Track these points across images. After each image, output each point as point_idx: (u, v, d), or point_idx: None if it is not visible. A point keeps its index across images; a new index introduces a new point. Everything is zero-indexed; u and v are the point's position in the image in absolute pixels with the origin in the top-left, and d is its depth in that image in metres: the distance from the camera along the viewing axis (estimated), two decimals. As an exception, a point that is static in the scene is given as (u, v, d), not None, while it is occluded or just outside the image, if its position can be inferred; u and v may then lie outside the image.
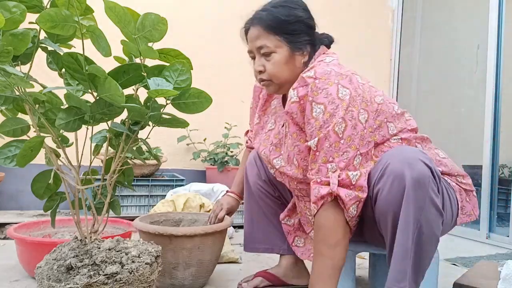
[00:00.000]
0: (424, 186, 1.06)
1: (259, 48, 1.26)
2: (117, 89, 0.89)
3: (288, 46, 1.25)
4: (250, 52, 1.31)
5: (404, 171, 1.06)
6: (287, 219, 1.50)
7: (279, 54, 1.25)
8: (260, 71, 1.28)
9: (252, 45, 1.28)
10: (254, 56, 1.31)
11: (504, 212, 2.80)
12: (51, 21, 0.86)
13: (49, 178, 1.04)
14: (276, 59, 1.25)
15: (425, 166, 1.07)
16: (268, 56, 1.26)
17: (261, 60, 1.27)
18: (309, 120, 1.15)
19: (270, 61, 1.26)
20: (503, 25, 2.73)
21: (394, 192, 1.08)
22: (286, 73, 1.26)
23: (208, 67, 3.13)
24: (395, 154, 1.12)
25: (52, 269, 1.00)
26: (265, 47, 1.25)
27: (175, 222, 1.74)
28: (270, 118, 1.42)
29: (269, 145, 1.36)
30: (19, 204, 2.71)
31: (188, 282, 1.48)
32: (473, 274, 1.41)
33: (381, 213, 1.13)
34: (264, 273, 1.55)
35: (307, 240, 1.47)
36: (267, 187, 1.53)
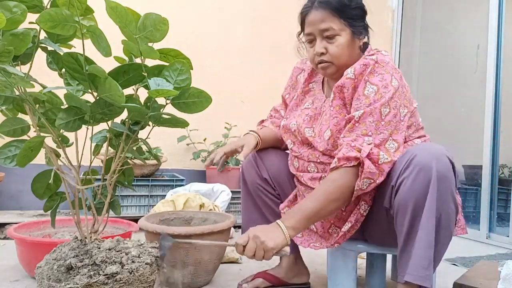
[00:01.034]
0: (448, 180, 1.12)
1: (323, 31, 1.29)
2: (117, 89, 0.89)
3: (350, 29, 1.30)
4: (309, 34, 1.33)
5: (431, 163, 1.12)
6: (287, 209, 1.49)
7: (343, 37, 1.30)
8: (322, 53, 1.31)
9: (315, 27, 1.30)
10: (312, 39, 1.33)
11: (504, 212, 2.80)
12: (52, 21, 0.86)
13: (49, 178, 1.04)
14: (340, 41, 1.30)
15: (449, 161, 1.14)
16: (331, 39, 1.30)
17: (323, 43, 1.31)
18: (359, 96, 1.24)
19: (334, 43, 1.30)
20: (503, 25, 2.73)
21: (419, 183, 1.12)
22: (347, 56, 1.32)
23: (208, 67, 3.13)
24: (422, 148, 1.18)
25: (52, 269, 1.00)
26: (330, 30, 1.29)
27: (185, 220, 1.75)
28: (308, 99, 1.47)
29: (304, 116, 1.40)
30: (19, 204, 2.71)
31: (187, 281, 1.49)
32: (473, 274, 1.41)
33: (401, 203, 1.16)
34: (264, 274, 1.55)
35: (305, 232, 1.46)
36: (267, 186, 1.53)
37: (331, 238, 1.38)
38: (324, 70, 1.35)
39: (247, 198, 1.57)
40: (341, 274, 1.41)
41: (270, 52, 3.34)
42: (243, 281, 1.55)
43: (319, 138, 1.34)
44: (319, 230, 1.40)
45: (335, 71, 1.34)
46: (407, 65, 3.67)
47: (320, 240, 1.40)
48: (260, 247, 1.13)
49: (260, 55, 3.32)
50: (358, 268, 1.44)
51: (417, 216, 1.13)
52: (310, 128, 1.37)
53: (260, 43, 3.33)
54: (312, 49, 1.34)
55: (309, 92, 1.48)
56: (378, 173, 1.18)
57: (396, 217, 1.19)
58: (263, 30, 3.34)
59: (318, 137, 1.34)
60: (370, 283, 1.57)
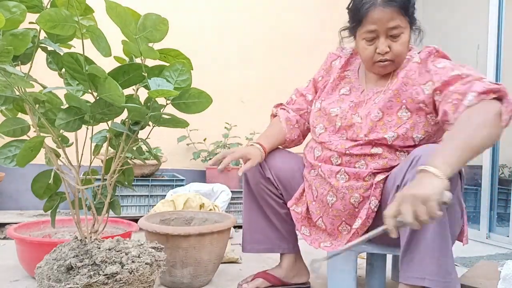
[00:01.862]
0: (453, 182, 1.09)
1: (390, 29, 1.28)
2: (117, 89, 0.89)
3: (410, 27, 1.32)
4: (372, 32, 1.29)
5: None
6: (295, 206, 1.48)
7: (405, 34, 1.30)
8: (386, 51, 1.30)
9: (382, 25, 1.27)
10: (373, 37, 1.30)
11: (504, 212, 2.80)
12: (51, 21, 0.86)
13: (49, 178, 1.04)
14: (403, 39, 1.30)
15: None
16: (395, 37, 1.29)
17: (387, 41, 1.30)
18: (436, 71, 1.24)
19: (398, 41, 1.29)
20: (503, 25, 2.73)
21: None
22: (405, 53, 1.33)
23: (208, 67, 3.13)
24: (427, 149, 1.16)
25: (52, 269, 1.00)
26: (398, 28, 1.28)
27: (186, 220, 1.76)
28: (344, 85, 1.45)
29: (348, 102, 1.39)
30: (19, 204, 2.71)
31: (187, 281, 1.49)
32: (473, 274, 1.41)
33: None
34: (264, 274, 1.54)
35: (313, 230, 1.45)
36: (270, 185, 1.51)
37: (341, 237, 1.37)
38: (384, 68, 1.33)
39: (249, 198, 1.56)
40: (341, 274, 1.41)
41: (270, 52, 3.34)
42: (243, 281, 1.55)
43: (364, 121, 1.32)
44: (329, 228, 1.39)
45: (393, 68, 1.34)
46: (407, 65, 3.66)
47: (329, 239, 1.39)
48: (416, 203, 0.94)
49: (260, 55, 3.32)
50: (358, 268, 1.44)
51: None
52: (355, 114, 1.35)
53: (260, 43, 3.33)
54: (370, 47, 1.31)
55: (345, 78, 1.47)
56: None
57: None
58: (263, 30, 3.34)
59: (364, 121, 1.32)
60: (370, 283, 1.57)
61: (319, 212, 1.41)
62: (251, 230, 1.56)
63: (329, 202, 1.36)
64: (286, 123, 1.56)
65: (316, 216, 1.42)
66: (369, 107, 1.34)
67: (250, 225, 1.57)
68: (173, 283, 1.50)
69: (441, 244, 1.11)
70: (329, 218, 1.38)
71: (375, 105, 1.32)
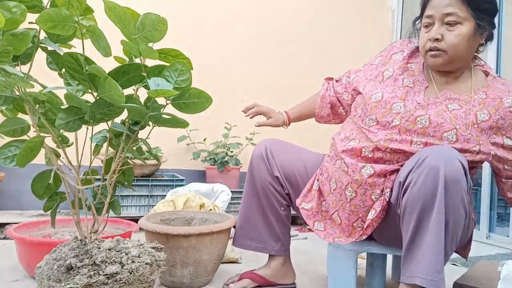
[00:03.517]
0: (458, 183, 1.10)
1: (445, 15, 1.22)
2: (117, 89, 0.89)
3: (475, 22, 1.22)
4: (429, 17, 1.26)
5: (440, 166, 1.09)
6: (304, 203, 1.45)
7: (465, 26, 1.22)
8: (436, 38, 1.24)
9: (438, 10, 1.23)
10: (429, 23, 1.26)
11: (504, 212, 2.80)
12: (51, 21, 0.86)
13: (49, 178, 1.04)
14: (459, 31, 1.22)
15: (460, 165, 1.11)
16: (452, 26, 1.23)
17: (441, 29, 1.24)
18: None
19: (454, 31, 1.22)
20: (503, 25, 2.73)
21: (428, 184, 1.10)
22: (464, 48, 1.24)
23: (208, 67, 3.13)
24: (433, 150, 1.15)
25: (52, 269, 1.00)
26: (454, 15, 1.22)
27: (186, 220, 1.76)
28: (406, 76, 1.36)
29: (413, 102, 1.29)
30: (19, 204, 2.71)
31: (187, 280, 1.49)
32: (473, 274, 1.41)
33: (409, 203, 1.14)
34: (251, 274, 1.53)
35: (327, 224, 1.41)
36: (277, 185, 1.50)
37: (355, 233, 1.34)
38: (434, 59, 1.26)
39: (250, 194, 1.53)
40: (341, 274, 1.41)
41: (270, 52, 3.34)
42: (229, 280, 1.54)
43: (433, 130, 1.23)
44: (344, 223, 1.36)
45: (446, 62, 1.26)
46: (407, 65, 3.67)
47: (343, 234, 1.37)
48: None
49: (260, 55, 3.32)
50: (358, 268, 1.44)
51: (423, 217, 1.12)
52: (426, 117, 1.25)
53: (260, 43, 3.33)
54: (426, 34, 1.26)
55: (407, 70, 1.38)
56: None
57: (403, 216, 1.17)
58: (263, 30, 3.34)
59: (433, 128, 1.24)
60: (370, 283, 1.57)
61: (336, 206, 1.36)
62: (246, 226, 1.55)
63: (347, 196, 1.32)
64: (321, 99, 1.63)
65: (332, 209, 1.38)
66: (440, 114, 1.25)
67: (245, 221, 1.55)
68: (173, 283, 1.50)
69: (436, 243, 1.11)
70: (345, 213, 1.34)
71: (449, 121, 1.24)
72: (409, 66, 1.39)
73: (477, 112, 1.25)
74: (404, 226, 1.17)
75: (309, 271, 1.82)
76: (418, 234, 1.13)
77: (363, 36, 3.57)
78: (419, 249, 1.12)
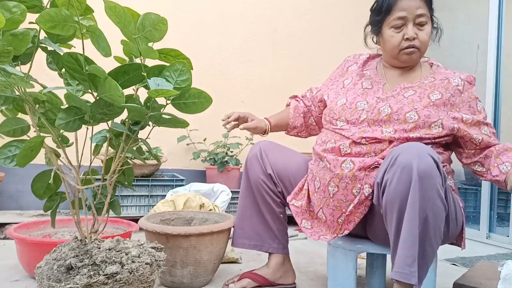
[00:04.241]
0: (431, 177, 1.12)
1: (418, 16, 1.36)
2: (117, 89, 0.89)
3: (431, 20, 1.41)
4: (401, 19, 1.37)
5: (412, 162, 1.11)
6: (294, 201, 1.49)
7: (429, 25, 1.39)
8: (413, 37, 1.37)
9: (411, 12, 1.35)
10: (401, 24, 1.37)
11: (504, 212, 2.80)
12: (51, 21, 0.86)
13: (49, 178, 1.04)
14: (427, 29, 1.38)
15: (432, 160, 1.13)
16: (422, 26, 1.37)
17: (414, 29, 1.37)
18: (474, 111, 1.38)
19: (424, 30, 1.37)
20: (503, 25, 2.73)
21: (402, 182, 1.12)
22: (428, 45, 1.41)
23: (208, 67, 3.13)
24: (404, 148, 1.18)
25: (52, 269, 1.00)
26: (423, 16, 1.36)
27: (186, 220, 1.76)
28: (365, 80, 1.49)
29: (373, 97, 1.41)
30: (19, 204, 2.71)
31: (187, 280, 1.49)
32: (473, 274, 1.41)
33: (388, 203, 1.16)
34: (251, 274, 1.54)
35: (314, 223, 1.45)
36: (269, 183, 1.52)
37: (340, 229, 1.37)
38: (409, 56, 1.39)
39: (246, 193, 1.56)
40: (341, 274, 1.41)
41: (270, 52, 3.34)
42: (229, 280, 1.54)
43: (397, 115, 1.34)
44: (329, 219, 1.39)
45: (418, 58, 1.42)
46: (407, 65, 3.66)
47: (329, 232, 1.40)
48: None
49: (260, 55, 3.32)
50: (358, 268, 1.44)
51: (402, 215, 1.13)
52: (387, 106, 1.37)
53: (261, 43, 3.33)
54: (398, 34, 1.38)
55: (364, 76, 1.51)
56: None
57: (385, 215, 1.20)
58: (263, 30, 3.34)
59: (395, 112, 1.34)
60: (370, 283, 1.57)
61: (320, 203, 1.40)
62: (243, 226, 1.56)
63: (330, 192, 1.35)
64: (294, 110, 1.67)
65: (317, 207, 1.42)
66: (402, 102, 1.36)
67: (243, 220, 1.57)
68: (173, 283, 1.50)
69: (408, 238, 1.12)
70: (329, 209, 1.37)
71: (408, 105, 1.34)
72: (365, 73, 1.53)
73: (430, 94, 1.37)
74: (388, 225, 1.19)
75: (309, 271, 1.82)
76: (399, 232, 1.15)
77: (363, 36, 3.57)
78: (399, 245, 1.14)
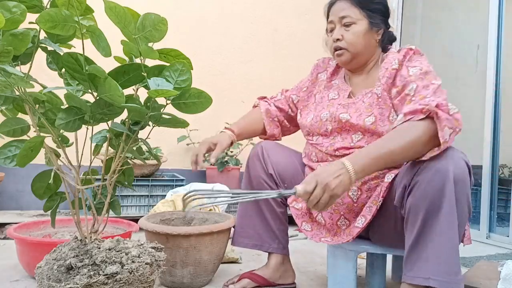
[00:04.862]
0: (465, 184, 1.12)
1: (341, 18, 1.40)
2: (117, 89, 0.89)
3: (368, 20, 1.40)
4: (331, 22, 1.44)
5: (448, 166, 1.10)
6: (295, 203, 1.49)
7: (358, 25, 1.40)
8: (338, 39, 1.41)
9: (336, 15, 1.42)
10: (333, 28, 1.44)
11: (504, 212, 2.80)
12: (51, 21, 0.86)
13: (49, 178, 1.04)
14: (355, 29, 1.39)
15: (465, 164, 1.13)
16: (348, 27, 1.40)
17: (340, 30, 1.41)
18: (405, 78, 1.29)
19: (349, 30, 1.40)
20: (503, 25, 2.73)
21: (433, 186, 1.11)
22: (361, 44, 1.40)
23: (208, 67, 3.13)
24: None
25: (52, 269, 1.00)
26: (348, 17, 1.39)
27: (186, 220, 1.75)
28: (332, 91, 1.52)
29: (336, 105, 1.44)
30: (19, 204, 2.71)
31: (187, 280, 1.49)
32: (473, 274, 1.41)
33: (413, 205, 1.14)
34: (250, 274, 1.54)
35: (314, 226, 1.45)
36: (271, 182, 1.52)
37: (340, 232, 1.37)
38: (339, 57, 1.43)
39: None
40: (341, 274, 1.41)
41: (270, 52, 3.34)
42: (229, 281, 1.54)
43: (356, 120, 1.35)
44: (328, 223, 1.39)
45: (349, 59, 1.42)
46: (407, 65, 3.66)
47: (329, 234, 1.39)
48: (327, 195, 1.08)
49: (260, 55, 3.33)
50: (358, 268, 1.44)
51: (430, 217, 1.11)
52: (345, 113, 1.39)
53: (261, 43, 3.33)
54: (330, 37, 1.44)
55: (332, 87, 1.53)
56: (455, 121, 1.11)
57: (407, 216, 1.17)
58: (264, 30, 3.34)
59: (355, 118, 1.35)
60: (370, 283, 1.57)
61: None
62: (243, 225, 1.56)
63: None
64: (266, 114, 1.62)
65: (315, 211, 1.43)
66: (360, 109, 1.37)
67: (243, 219, 1.57)
68: (173, 283, 1.50)
69: (449, 244, 1.10)
70: (328, 212, 1.38)
71: (366, 110, 1.36)
72: (333, 83, 1.55)
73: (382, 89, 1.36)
74: (409, 226, 1.17)
75: (309, 271, 1.82)
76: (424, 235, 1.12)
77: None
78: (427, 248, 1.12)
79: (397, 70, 1.33)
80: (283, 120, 1.64)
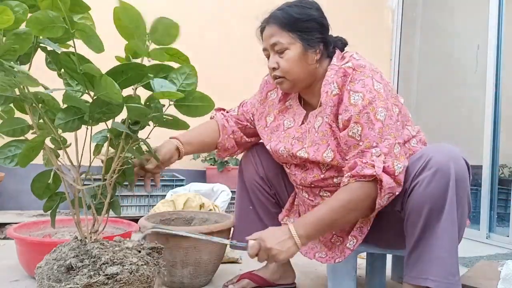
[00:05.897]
0: (465, 182, 1.12)
1: (273, 45, 1.28)
2: (113, 86, 0.87)
3: (301, 43, 1.26)
4: (265, 50, 1.33)
5: (450, 165, 1.10)
6: (286, 218, 1.49)
7: (292, 50, 1.26)
8: (273, 67, 1.29)
9: (267, 42, 1.30)
10: (267, 54, 1.33)
11: (504, 212, 2.80)
12: (39, 24, 0.84)
13: (49, 178, 1.03)
14: (289, 55, 1.26)
15: (465, 163, 1.13)
16: (281, 53, 1.27)
17: (275, 58, 1.29)
18: (347, 107, 1.18)
19: (284, 57, 1.27)
20: (503, 25, 2.73)
21: (436, 184, 1.10)
22: (299, 70, 1.27)
23: (208, 67, 3.13)
24: (437, 150, 1.16)
25: (52, 269, 1.00)
26: (279, 44, 1.27)
27: (186, 220, 1.76)
28: (288, 117, 1.41)
29: (290, 140, 1.35)
30: (19, 204, 2.71)
31: (187, 281, 1.49)
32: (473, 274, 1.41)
33: (415, 204, 1.14)
34: (250, 275, 1.54)
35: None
36: (263, 184, 1.52)
37: (334, 248, 1.36)
38: (280, 85, 1.33)
39: (242, 195, 1.55)
40: (341, 274, 1.41)
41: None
42: (229, 282, 1.54)
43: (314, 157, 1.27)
44: (322, 239, 1.39)
45: (290, 86, 1.31)
46: (407, 65, 3.67)
47: (324, 249, 1.38)
48: (272, 259, 1.15)
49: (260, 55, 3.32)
50: (358, 268, 1.44)
51: (432, 217, 1.11)
52: (302, 149, 1.31)
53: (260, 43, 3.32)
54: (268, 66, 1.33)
55: (287, 110, 1.42)
56: (397, 185, 1.14)
57: (408, 217, 1.17)
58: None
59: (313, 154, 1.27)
60: (370, 283, 1.57)
61: None
62: (241, 226, 1.55)
63: None
64: (222, 130, 1.50)
65: None
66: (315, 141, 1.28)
67: (240, 220, 1.56)
68: (173, 283, 1.50)
69: (449, 245, 1.10)
70: None
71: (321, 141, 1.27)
72: (287, 105, 1.43)
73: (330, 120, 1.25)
74: (409, 228, 1.17)
75: (309, 271, 1.82)
76: (426, 235, 1.12)
77: (363, 37, 3.56)
78: (428, 248, 1.12)
79: (338, 96, 1.22)
80: (241, 135, 1.53)
